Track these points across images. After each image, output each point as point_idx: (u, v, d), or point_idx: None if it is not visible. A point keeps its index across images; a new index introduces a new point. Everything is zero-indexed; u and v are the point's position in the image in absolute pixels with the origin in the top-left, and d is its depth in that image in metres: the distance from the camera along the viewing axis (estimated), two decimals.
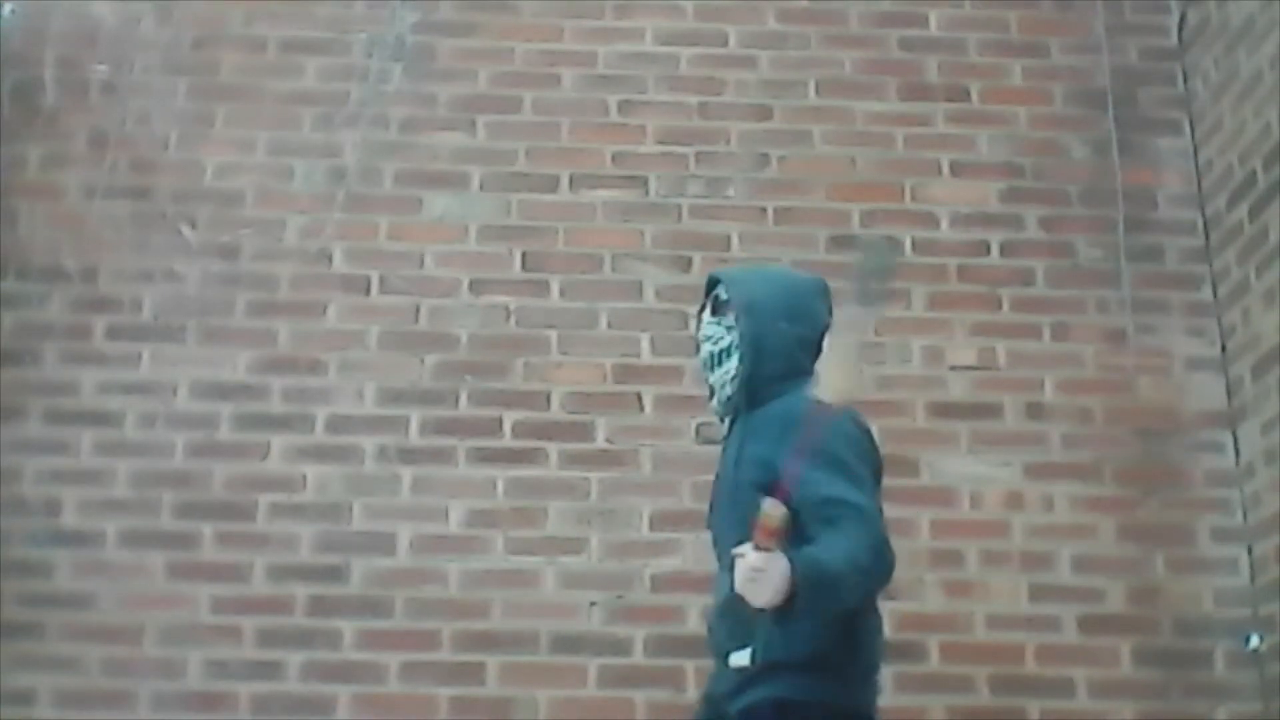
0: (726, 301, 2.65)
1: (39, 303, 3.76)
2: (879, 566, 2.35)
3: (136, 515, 3.60)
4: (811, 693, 2.44)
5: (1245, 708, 3.49)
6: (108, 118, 3.87)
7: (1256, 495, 3.60)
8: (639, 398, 3.72)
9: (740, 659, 2.45)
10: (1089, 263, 3.89)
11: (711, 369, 2.64)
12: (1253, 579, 3.59)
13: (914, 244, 3.89)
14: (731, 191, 3.93)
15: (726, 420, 2.65)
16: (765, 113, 4.00)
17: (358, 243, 3.86)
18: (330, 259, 3.84)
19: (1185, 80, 4.04)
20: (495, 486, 3.65)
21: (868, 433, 2.53)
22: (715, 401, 2.66)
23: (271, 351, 3.75)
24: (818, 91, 4.03)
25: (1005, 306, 3.84)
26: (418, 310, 3.81)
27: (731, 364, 2.60)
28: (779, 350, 2.58)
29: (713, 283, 2.71)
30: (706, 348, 2.64)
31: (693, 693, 3.41)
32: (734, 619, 2.45)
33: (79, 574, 3.55)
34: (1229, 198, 3.77)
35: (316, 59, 4.01)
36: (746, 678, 2.44)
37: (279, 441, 3.67)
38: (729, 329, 2.62)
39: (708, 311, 2.68)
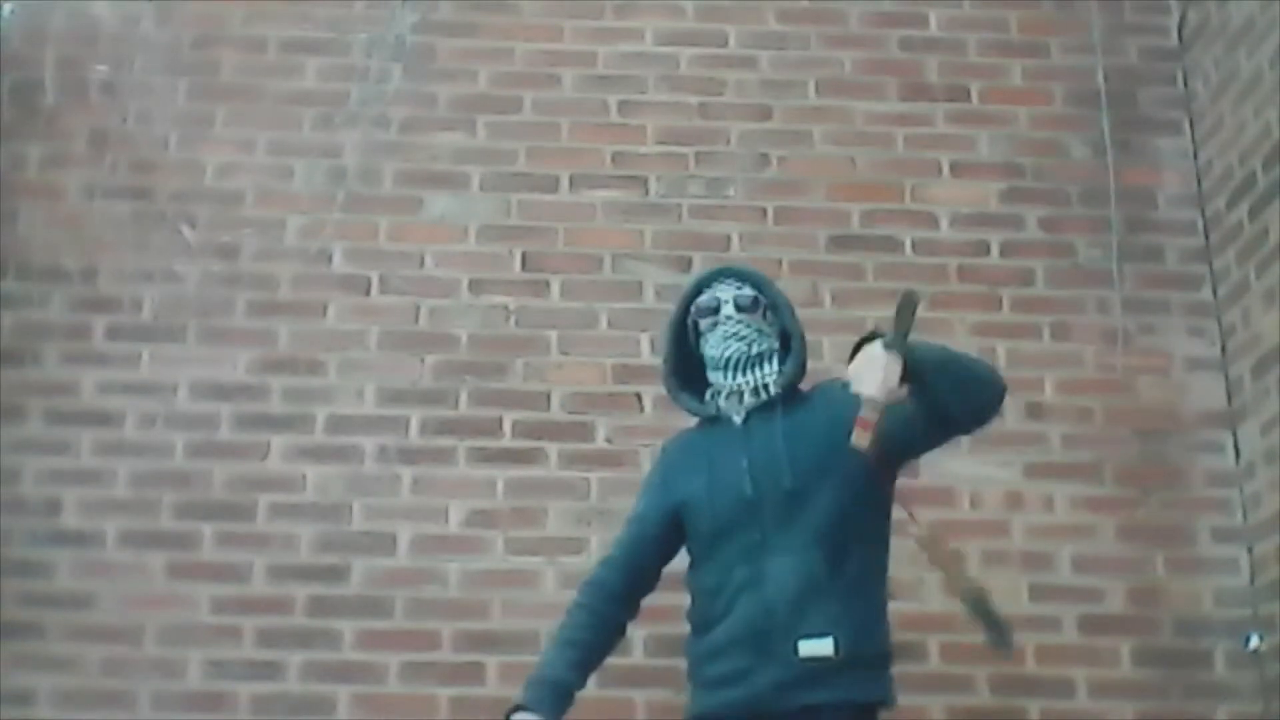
0: (756, 300, 2.71)
1: (39, 303, 3.75)
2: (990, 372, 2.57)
3: (136, 515, 3.60)
4: (889, 693, 2.53)
5: (1245, 708, 3.49)
6: (108, 118, 3.87)
7: (1256, 495, 3.60)
8: (639, 398, 3.72)
9: (819, 647, 2.43)
10: (1089, 263, 3.89)
11: (744, 370, 2.68)
12: (1253, 579, 3.59)
13: (914, 244, 3.89)
14: (731, 191, 3.93)
15: (739, 415, 2.68)
16: (765, 113, 4.01)
17: (358, 243, 3.86)
18: (330, 259, 3.84)
19: (1185, 80, 4.04)
20: (495, 486, 3.65)
21: None
22: (739, 400, 2.69)
23: (271, 351, 3.75)
24: (818, 91, 4.03)
25: (1005, 306, 3.85)
26: (418, 310, 3.81)
27: (773, 367, 2.68)
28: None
29: (718, 276, 2.77)
30: (738, 346, 2.68)
31: None
32: (814, 604, 2.46)
33: (79, 574, 3.55)
34: (1229, 198, 3.77)
35: (316, 59, 4.01)
36: (817, 671, 2.43)
37: (279, 441, 3.67)
38: (761, 332, 2.70)
39: (731, 307, 2.70)
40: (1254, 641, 3.51)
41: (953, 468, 3.68)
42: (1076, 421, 3.75)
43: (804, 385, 2.77)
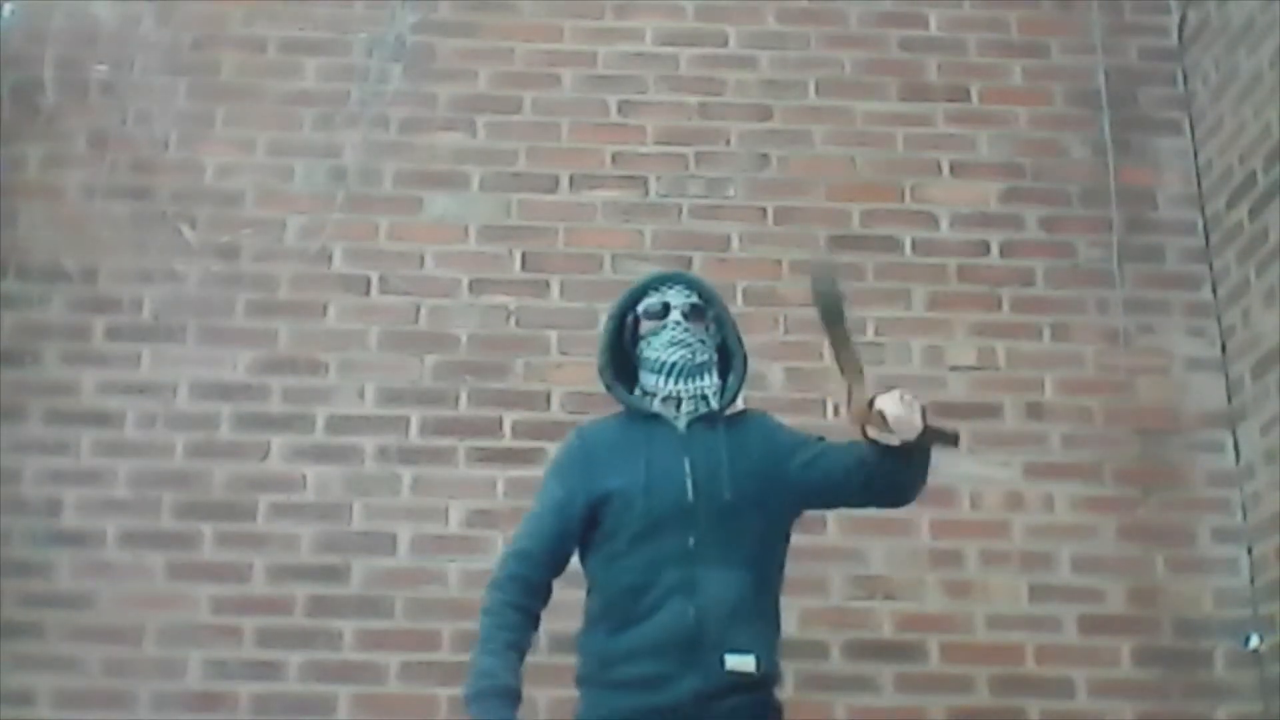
0: (701, 310, 2.73)
1: (39, 303, 3.76)
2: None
3: (136, 515, 3.60)
4: (782, 713, 2.63)
5: (1245, 708, 3.49)
6: (108, 118, 3.87)
7: (1256, 495, 3.60)
8: None
9: (744, 663, 2.48)
10: (1089, 263, 3.89)
11: (684, 378, 2.68)
12: (1253, 579, 3.59)
13: (914, 244, 3.89)
14: (731, 191, 3.93)
15: (681, 420, 2.68)
16: (765, 113, 4.01)
17: (358, 243, 3.86)
18: (330, 259, 3.84)
19: (1185, 80, 4.04)
20: (495, 486, 3.65)
21: None
22: (675, 406, 2.68)
23: (271, 351, 3.75)
24: (818, 91, 4.03)
25: (1005, 306, 3.84)
26: (418, 310, 3.81)
27: (713, 380, 2.70)
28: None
29: (668, 280, 2.79)
30: (682, 354, 2.68)
31: None
32: (743, 622, 2.51)
33: (79, 574, 3.55)
34: (1229, 198, 3.77)
35: (316, 59, 4.01)
36: (736, 684, 2.48)
37: (279, 441, 3.67)
38: (703, 342, 2.71)
39: (678, 313, 2.71)
40: (1254, 641, 3.51)
41: (953, 468, 3.68)
42: (1076, 421, 3.75)
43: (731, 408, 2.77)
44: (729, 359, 2.75)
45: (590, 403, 3.69)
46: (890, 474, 2.55)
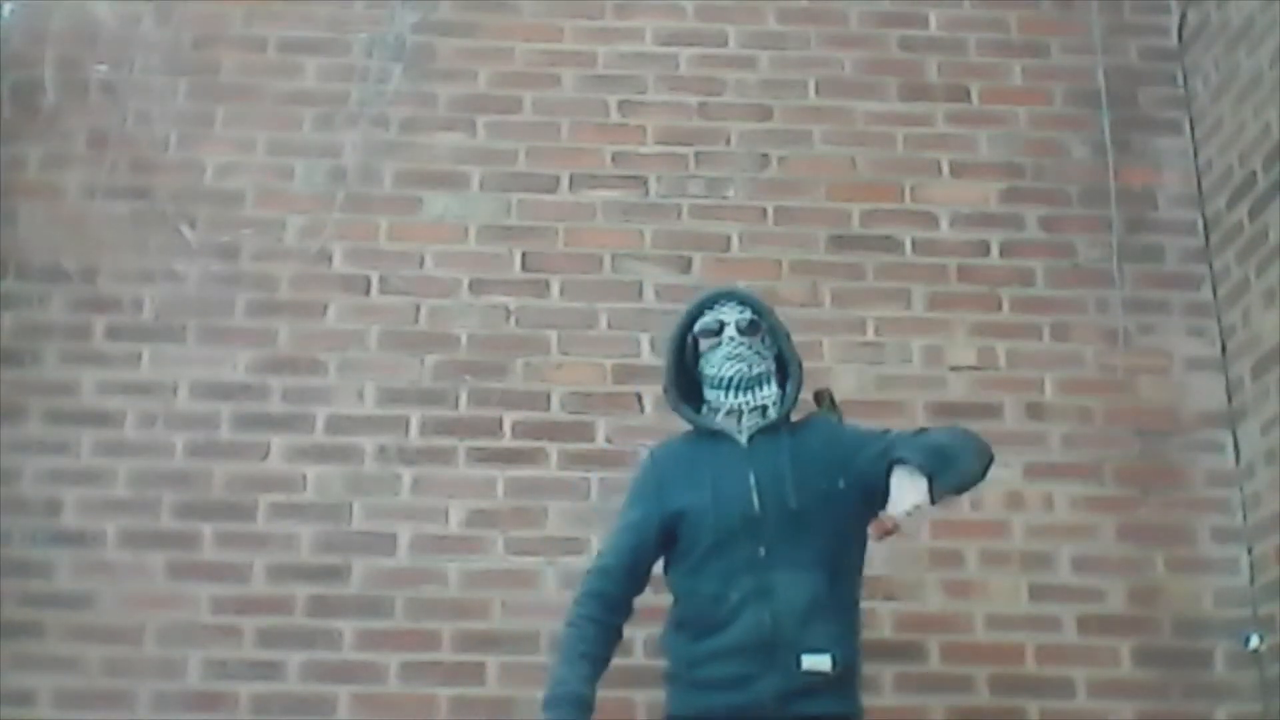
0: (755, 324, 2.83)
1: (39, 303, 3.76)
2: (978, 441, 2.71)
3: (136, 515, 3.60)
4: (861, 707, 2.73)
5: (1245, 708, 3.49)
6: (108, 118, 3.87)
7: (1256, 495, 3.60)
8: (639, 398, 3.72)
9: (819, 662, 2.59)
10: (1089, 263, 3.89)
11: (743, 390, 2.79)
12: (1253, 579, 3.59)
13: (914, 244, 3.89)
14: (731, 191, 3.94)
15: (743, 433, 2.78)
16: (765, 113, 4.01)
17: (358, 243, 3.86)
18: (330, 259, 3.84)
19: (1185, 80, 4.04)
20: (495, 486, 3.66)
21: None
22: (737, 419, 2.79)
23: (271, 351, 3.75)
24: (818, 91, 4.03)
25: (1005, 306, 3.85)
26: (418, 310, 3.81)
27: (772, 390, 2.80)
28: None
29: (720, 298, 2.87)
30: (739, 367, 2.79)
31: None
32: (817, 622, 2.61)
33: (79, 574, 3.55)
34: (1229, 198, 3.77)
35: (316, 59, 4.01)
36: (813, 683, 2.58)
37: (279, 441, 3.67)
38: (760, 355, 2.81)
39: (733, 329, 2.81)
40: (1254, 641, 3.51)
41: None
42: (1076, 421, 3.75)
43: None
44: (786, 368, 2.84)
45: (590, 403, 3.71)
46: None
